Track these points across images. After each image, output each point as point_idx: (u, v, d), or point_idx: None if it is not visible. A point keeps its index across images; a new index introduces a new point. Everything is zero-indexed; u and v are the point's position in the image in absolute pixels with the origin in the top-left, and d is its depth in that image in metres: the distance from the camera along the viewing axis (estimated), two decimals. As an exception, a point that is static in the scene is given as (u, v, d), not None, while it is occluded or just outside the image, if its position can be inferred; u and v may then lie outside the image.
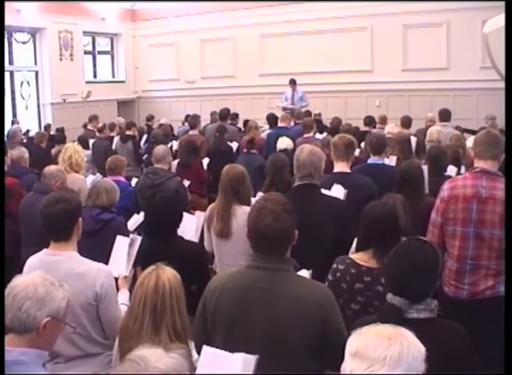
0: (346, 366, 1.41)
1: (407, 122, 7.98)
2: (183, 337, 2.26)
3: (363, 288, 2.65)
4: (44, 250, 2.88)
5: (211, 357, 1.99)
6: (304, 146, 3.86)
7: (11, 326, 1.89)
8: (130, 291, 3.14)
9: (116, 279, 3.14)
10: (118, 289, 3.07)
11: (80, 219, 2.89)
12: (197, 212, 3.91)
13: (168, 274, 2.32)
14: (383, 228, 2.69)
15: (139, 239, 3.35)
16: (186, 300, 2.37)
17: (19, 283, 1.95)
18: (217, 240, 3.80)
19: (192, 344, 2.31)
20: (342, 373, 1.42)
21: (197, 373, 2.01)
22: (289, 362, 2.13)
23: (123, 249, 3.25)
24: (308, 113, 9.66)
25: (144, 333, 2.22)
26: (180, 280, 2.35)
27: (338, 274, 2.72)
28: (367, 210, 2.85)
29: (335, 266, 2.75)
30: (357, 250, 2.82)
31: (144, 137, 9.65)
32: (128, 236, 3.35)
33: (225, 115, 9.46)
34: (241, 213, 3.69)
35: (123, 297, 3.04)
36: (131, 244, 3.28)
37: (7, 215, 4.50)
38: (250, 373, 1.95)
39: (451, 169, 5.03)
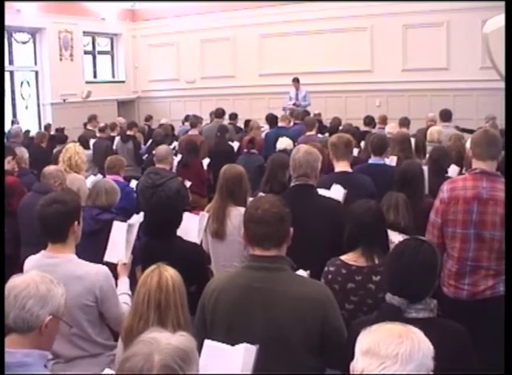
0: (357, 364, 1.41)
1: (404, 123, 7.98)
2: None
3: (355, 287, 2.68)
4: (42, 252, 2.85)
5: (212, 350, 2.00)
6: (301, 146, 3.86)
7: (13, 326, 1.87)
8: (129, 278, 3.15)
9: (115, 265, 3.14)
10: (117, 277, 3.06)
11: (77, 222, 2.82)
12: (202, 213, 3.88)
13: (170, 272, 2.34)
14: (368, 226, 2.75)
15: (136, 225, 3.35)
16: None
17: (18, 283, 1.93)
18: (212, 240, 3.78)
19: None
20: (352, 371, 1.43)
21: (200, 365, 2.02)
22: (289, 361, 2.13)
23: (121, 235, 3.24)
24: (307, 113, 9.64)
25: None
26: (181, 277, 2.36)
27: (329, 276, 2.76)
28: (351, 209, 2.90)
29: (326, 268, 2.79)
30: (346, 250, 2.85)
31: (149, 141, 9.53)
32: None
33: (221, 114, 9.49)
34: (236, 214, 3.67)
35: (123, 286, 3.04)
36: (129, 231, 3.27)
37: (9, 213, 4.50)
38: (251, 363, 1.96)
39: (453, 170, 5.02)
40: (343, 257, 2.81)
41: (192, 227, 3.72)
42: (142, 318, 2.28)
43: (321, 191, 3.69)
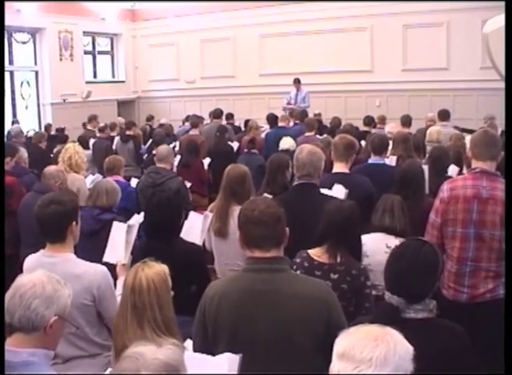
0: (334, 367, 1.41)
1: (406, 121, 7.98)
2: (166, 333, 2.25)
3: None
4: (42, 251, 2.86)
5: (195, 361, 1.94)
6: (304, 146, 3.86)
7: (18, 325, 1.87)
8: None
9: (115, 266, 3.14)
10: (116, 278, 3.06)
11: (75, 222, 2.83)
12: (206, 213, 3.88)
13: (148, 271, 2.31)
14: (336, 225, 2.84)
15: (136, 226, 3.35)
16: (185, 300, 2.36)
17: (25, 283, 1.93)
18: (215, 239, 3.80)
19: (188, 342, 2.31)
20: (330, 372, 1.42)
21: None
22: (295, 361, 2.12)
23: (121, 236, 3.24)
24: (305, 113, 9.60)
25: (130, 330, 2.24)
26: (165, 275, 2.33)
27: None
28: (326, 207, 2.98)
29: (294, 259, 2.87)
30: (315, 245, 2.92)
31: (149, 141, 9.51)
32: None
33: (219, 114, 9.51)
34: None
35: (122, 287, 3.03)
36: (128, 232, 3.27)
37: (9, 213, 4.49)
38: (235, 372, 1.95)
39: (453, 169, 5.02)
40: (310, 251, 2.89)
41: (195, 227, 3.73)
42: (123, 318, 2.29)
43: (323, 191, 3.69)
